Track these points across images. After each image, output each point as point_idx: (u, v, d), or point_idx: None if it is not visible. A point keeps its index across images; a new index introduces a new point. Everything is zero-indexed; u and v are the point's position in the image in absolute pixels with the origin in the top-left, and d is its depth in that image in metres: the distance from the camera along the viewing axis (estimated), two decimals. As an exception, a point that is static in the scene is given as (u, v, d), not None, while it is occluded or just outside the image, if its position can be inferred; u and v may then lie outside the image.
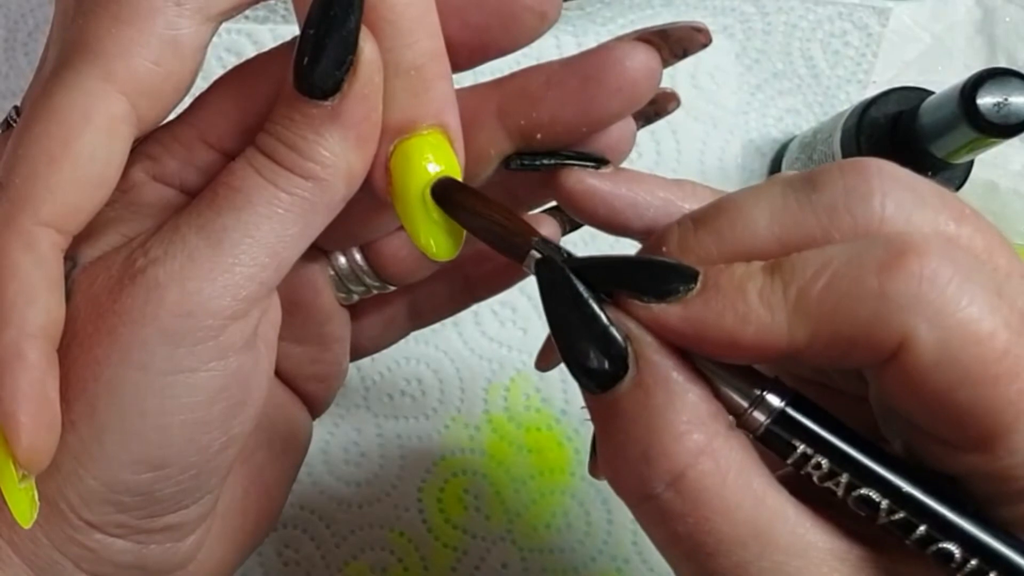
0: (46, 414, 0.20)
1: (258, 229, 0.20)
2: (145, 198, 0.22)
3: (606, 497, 0.41)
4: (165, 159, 0.22)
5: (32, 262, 0.20)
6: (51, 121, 0.20)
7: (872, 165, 0.19)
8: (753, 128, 0.46)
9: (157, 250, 0.20)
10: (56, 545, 0.21)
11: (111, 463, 0.21)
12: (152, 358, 0.20)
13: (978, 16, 0.47)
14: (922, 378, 0.17)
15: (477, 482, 0.41)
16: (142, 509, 0.22)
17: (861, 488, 0.18)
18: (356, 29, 0.19)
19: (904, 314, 0.17)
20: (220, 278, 0.20)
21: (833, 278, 0.17)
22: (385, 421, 0.42)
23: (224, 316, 0.20)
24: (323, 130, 0.20)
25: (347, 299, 0.28)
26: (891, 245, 0.17)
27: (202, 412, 0.21)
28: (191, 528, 0.23)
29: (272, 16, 0.44)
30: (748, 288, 0.18)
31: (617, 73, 0.22)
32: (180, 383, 0.20)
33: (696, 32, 0.22)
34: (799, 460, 0.18)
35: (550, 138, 0.22)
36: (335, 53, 0.20)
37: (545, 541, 0.41)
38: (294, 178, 0.21)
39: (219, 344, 0.21)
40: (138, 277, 0.20)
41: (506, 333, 0.42)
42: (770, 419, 0.19)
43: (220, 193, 0.21)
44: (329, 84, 0.20)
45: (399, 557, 0.40)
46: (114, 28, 0.20)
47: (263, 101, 0.22)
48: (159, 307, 0.20)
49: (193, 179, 0.22)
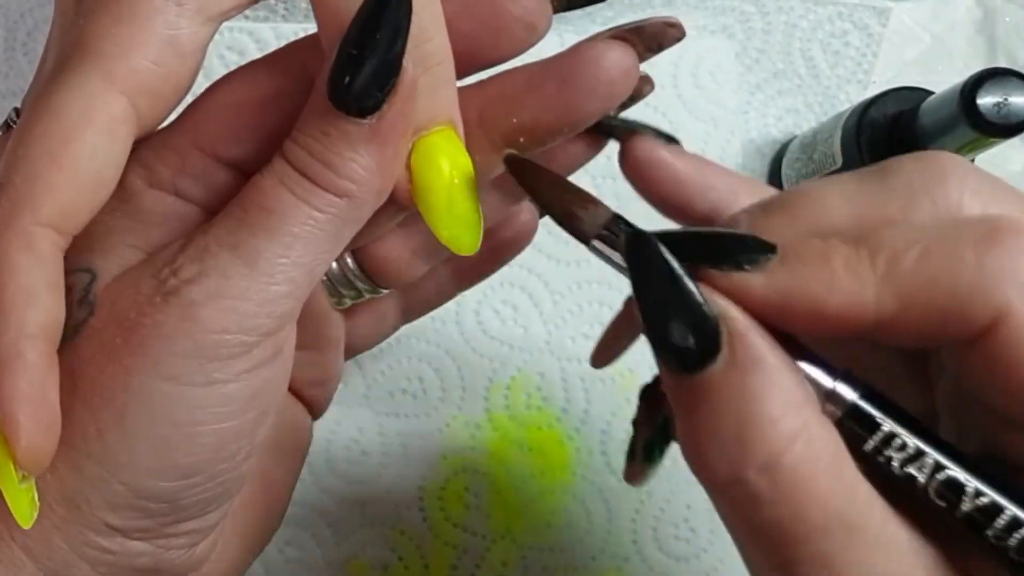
0: (45, 415, 0.20)
1: (293, 249, 0.20)
2: (145, 206, 0.22)
3: (607, 496, 0.41)
4: (157, 167, 0.22)
5: (32, 262, 0.20)
6: (51, 121, 0.20)
7: (946, 156, 0.19)
8: (753, 128, 0.46)
9: (189, 270, 0.20)
10: (73, 548, 0.21)
11: (140, 470, 0.21)
12: (184, 371, 0.20)
13: (978, 16, 0.47)
14: (1015, 355, 0.16)
15: (478, 480, 0.41)
16: (167, 515, 0.22)
17: (948, 469, 0.17)
18: (402, 53, 0.19)
19: (1002, 287, 0.16)
20: (256, 297, 0.20)
21: (927, 249, 0.17)
22: (386, 419, 0.42)
23: (259, 333, 0.21)
24: (360, 148, 0.20)
25: (338, 304, 0.28)
26: (988, 222, 0.17)
27: (233, 422, 0.21)
28: (208, 532, 0.23)
29: (272, 16, 0.44)
30: (833, 257, 0.18)
31: (592, 73, 0.22)
32: (212, 394, 0.21)
33: (670, 27, 0.22)
34: (880, 444, 0.18)
35: (533, 141, 0.23)
36: (380, 75, 0.19)
37: (546, 540, 0.41)
38: (328, 196, 0.20)
39: (252, 358, 0.21)
40: (171, 297, 0.20)
41: (507, 331, 0.42)
42: (849, 406, 0.18)
43: (251, 212, 0.21)
44: (370, 104, 0.20)
45: (400, 555, 0.40)
46: (114, 28, 0.20)
47: (258, 107, 0.22)
48: (194, 324, 0.20)
49: (188, 185, 0.22)
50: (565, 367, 0.42)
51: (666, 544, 0.40)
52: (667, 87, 0.44)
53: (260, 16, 0.44)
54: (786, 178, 0.44)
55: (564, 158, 0.25)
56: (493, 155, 0.23)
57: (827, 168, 0.41)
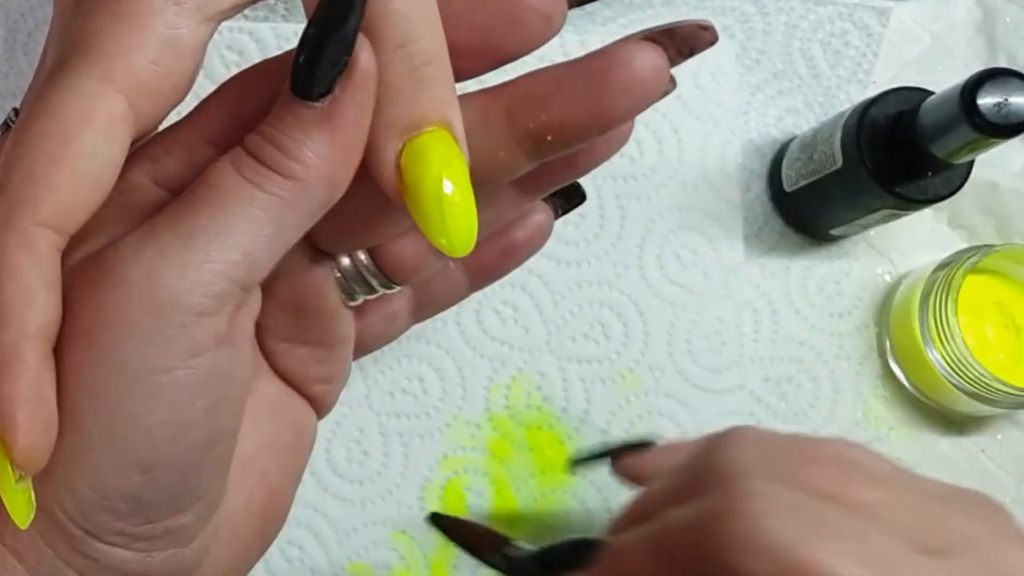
0: (43, 415, 0.20)
1: (232, 228, 0.20)
2: (139, 199, 0.22)
3: (607, 496, 0.41)
4: (165, 160, 0.22)
5: (30, 262, 0.19)
6: (50, 121, 0.20)
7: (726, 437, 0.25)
8: (753, 128, 0.46)
9: (128, 248, 0.20)
10: (59, 555, 0.21)
11: (99, 469, 0.20)
12: (127, 359, 0.20)
13: (978, 16, 0.47)
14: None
15: (478, 480, 0.41)
16: (138, 515, 0.21)
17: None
18: (354, 31, 0.19)
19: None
20: (190, 275, 0.20)
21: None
22: (387, 419, 0.42)
23: (194, 312, 0.20)
24: (311, 131, 0.20)
25: (350, 300, 0.28)
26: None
27: (183, 411, 0.21)
28: (193, 533, 0.23)
29: (272, 16, 0.44)
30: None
31: (625, 74, 0.22)
32: (158, 383, 0.20)
33: (703, 31, 0.22)
34: None
35: (561, 140, 0.22)
36: (331, 53, 0.19)
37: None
38: (273, 176, 0.20)
39: (192, 341, 0.20)
40: (107, 275, 0.20)
41: (508, 331, 0.42)
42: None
43: (197, 191, 0.21)
44: (322, 84, 0.20)
45: (401, 555, 0.41)
46: (113, 27, 0.20)
47: (267, 105, 0.22)
48: (129, 303, 0.20)
49: (193, 179, 0.22)
50: (565, 367, 0.42)
51: (666, 544, 0.40)
52: (667, 87, 0.44)
53: (260, 16, 0.44)
54: (786, 178, 0.44)
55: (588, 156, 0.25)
56: (519, 152, 0.23)
57: (827, 168, 0.41)
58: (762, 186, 0.45)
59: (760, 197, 0.45)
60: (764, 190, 0.45)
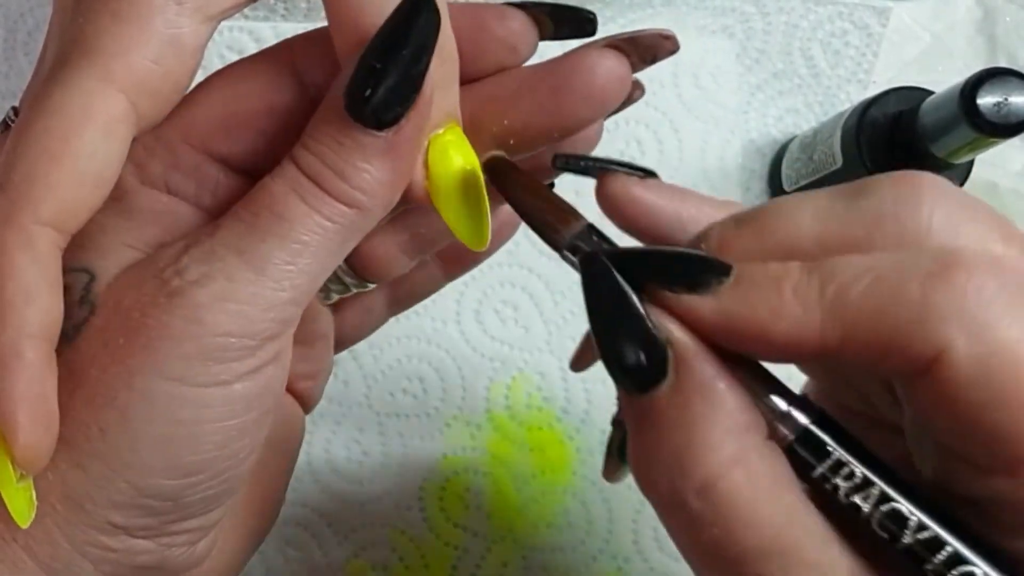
0: (44, 414, 0.20)
1: (300, 257, 0.20)
2: (138, 203, 0.22)
3: (607, 496, 0.41)
4: (149, 162, 0.22)
5: (31, 261, 0.20)
6: (51, 119, 0.20)
7: (925, 177, 0.19)
8: (753, 128, 0.46)
9: (194, 272, 0.20)
10: (76, 547, 0.21)
11: (144, 468, 0.21)
12: (188, 372, 0.20)
13: (978, 16, 0.47)
14: (955, 393, 0.17)
15: (478, 481, 0.41)
16: (171, 513, 0.22)
17: (893, 501, 0.18)
18: (426, 70, 0.19)
19: (944, 325, 0.16)
20: (261, 303, 0.20)
21: (875, 281, 0.17)
22: (387, 419, 0.42)
23: (262, 337, 0.21)
24: (374, 160, 0.20)
25: (325, 299, 0.28)
26: (939, 256, 0.17)
27: (236, 421, 0.21)
28: (209, 530, 0.23)
29: (272, 16, 0.44)
30: (783, 283, 0.18)
31: (587, 81, 0.22)
32: (215, 395, 0.21)
33: (664, 39, 0.22)
34: (828, 471, 0.18)
35: (523, 144, 0.23)
36: (401, 91, 0.19)
37: (546, 540, 0.41)
38: (338, 206, 0.20)
39: (255, 360, 0.21)
40: (175, 298, 0.20)
41: (508, 332, 0.42)
42: (801, 432, 0.18)
43: (262, 217, 0.21)
44: (389, 118, 0.20)
45: (400, 555, 0.40)
46: (113, 26, 0.20)
47: (247, 103, 0.22)
48: (199, 327, 0.20)
49: (179, 181, 0.23)
50: (566, 367, 0.42)
51: (667, 544, 0.40)
52: (667, 87, 0.44)
53: (260, 15, 0.44)
54: (786, 178, 0.44)
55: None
56: (481, 155, 0.23)
57: (827, 168, 0.41)
58: (762, 186, 0.45)
59: (760, 197, 0.45)
60: (764, 190, 0.45)
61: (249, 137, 0.22)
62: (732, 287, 0.18)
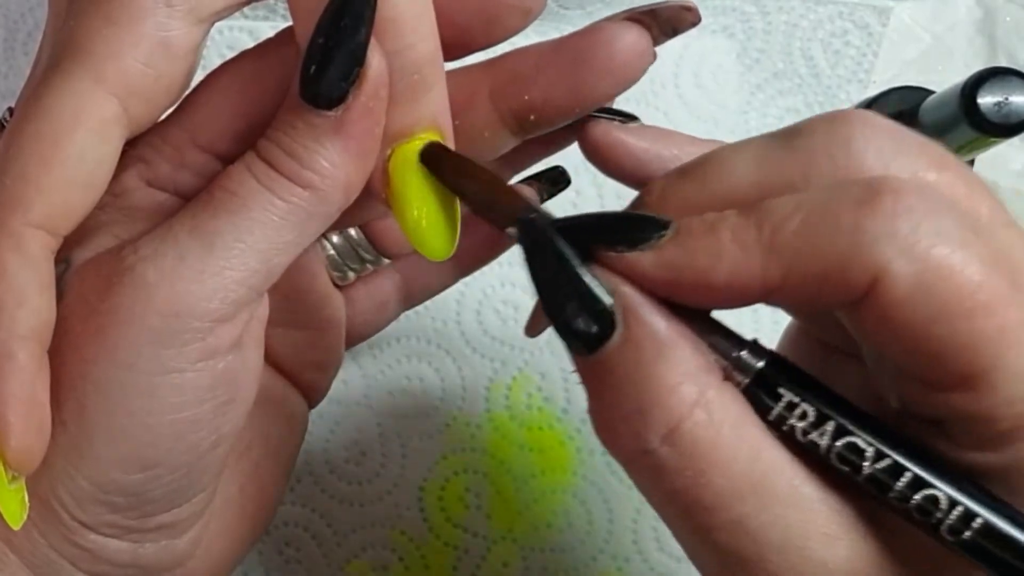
0: (35, 416, 0.20)
1: (251, 234, 0.20)
2: (138, 203, 0.22)
3: (607, 496, 0.41)
4: (158, 163, 0.22)
5: (22, 264, 0.20)
6: (42, 122, 0.20)
7: (855, 114, 0.19)
8: (754, 127, 0.46)
9: (147, 248, 0.20)
10: (52, 545, 0.21)
11: (100, 463, 0.21)
12: (139, 358, 0.20)
13: (979, 16, 0.47)
14: (897, 313, 0.17)
15: (478, 481, 0.41)
16: (134, 509, 0.22)
17: (848, 436, 0.18)
18: (366, 42, 0.19)
19: (878, 248, 0.17)
20: (210, 281, 0.20)
21: (808, 216, 0.17)
22: (386, 419, 0.42)
23: (211, 319, 0.20)
24: (324, 140, 0.20)
25: (342, 279, 0.28)
26: (868, 185, 0.17)
27: (190, 412, 0.21)
28: (186, 526, 0.23)
29: (272, 15, 0.44)
30: (721, 230, 0.18)
31: (607, 54, 0.22)
32: (167, 383, 0.20)
33: (685, 11, 0.22)
34: (783, 412, 0.18)
35: (544, 119, 0.23)
36: (343, 64, 0.19)
37: (546, 540, 0.41)
38: (292, 186, 0.20)
39: (206, 346, 0.21)
40: (126, 275, 0.20)
41: (508, 331, 0.42)
42: (753, 374, 0.19)
43: (216, 196, 0.21)
44: (334, 94, 0.20)
45: (400, 556, 0.40)
46: (105, 29, 0.20)
47: (252, 99, 0.22)
48: (147, 306, 0.20)
49: (187, 182, 0.22)
50: (566, 367, 0.42)
51: (667, 544, 0.40)
52: (668, 87, 0.44)
53: (260, 15, 0.43)
54: (786, 178, 0.44)
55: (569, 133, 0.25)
56: (503, 131, 0.23)
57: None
58: (762, 186, 0.45)
59: (760, 197, 0.45)
60: (764, 190, 0.45)
61: (255, 138, 0.22)
62: (672, 240, 0.18)
